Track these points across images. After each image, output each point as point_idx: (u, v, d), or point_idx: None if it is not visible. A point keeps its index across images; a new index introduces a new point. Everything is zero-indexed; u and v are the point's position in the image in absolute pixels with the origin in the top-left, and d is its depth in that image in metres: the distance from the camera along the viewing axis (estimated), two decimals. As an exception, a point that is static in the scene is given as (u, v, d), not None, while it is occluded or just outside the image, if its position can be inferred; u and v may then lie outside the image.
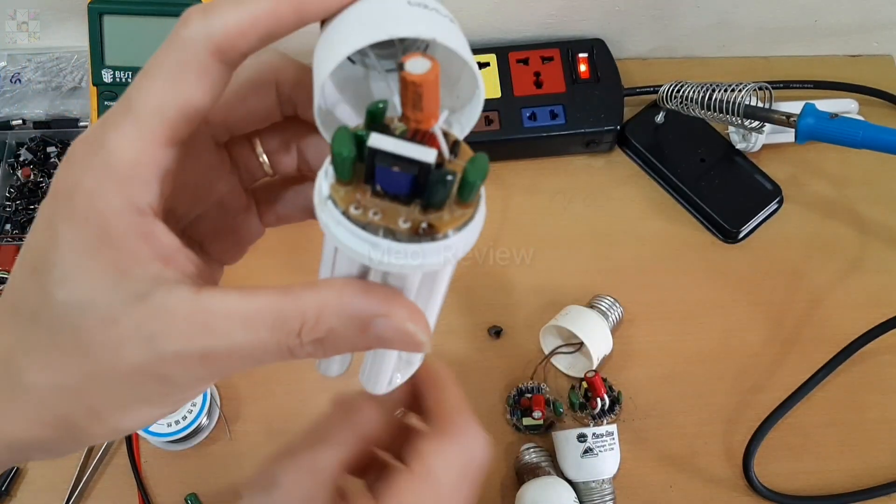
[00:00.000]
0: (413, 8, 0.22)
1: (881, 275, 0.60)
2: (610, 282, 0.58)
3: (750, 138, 0.62)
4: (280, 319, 0.21)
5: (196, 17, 0.21)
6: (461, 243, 0.22)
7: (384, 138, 0.21)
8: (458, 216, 0.21)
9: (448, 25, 0.22)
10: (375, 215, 0.21)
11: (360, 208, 0.21)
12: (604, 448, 0.50)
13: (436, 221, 0.21)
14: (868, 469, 0.54)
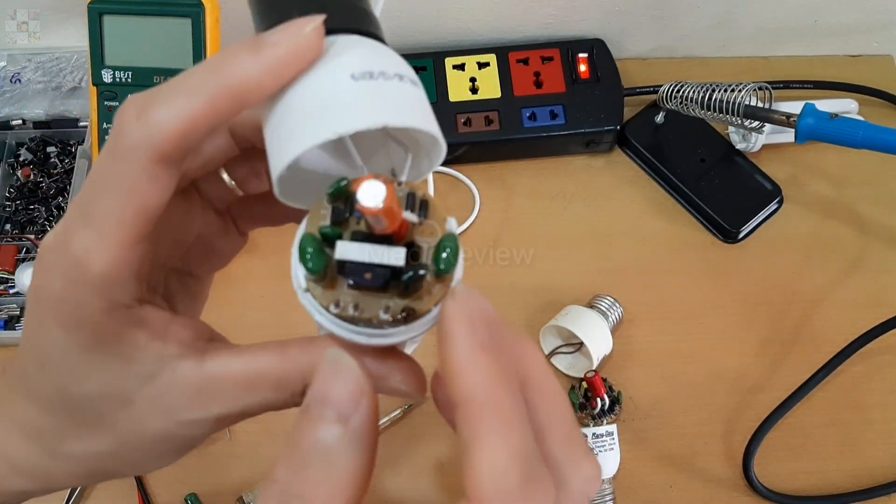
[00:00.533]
0: (358, 84, 0.21)
1: (881, 275, 0.60)
2: (610, 282, 0.58)
3: (750, 138, 0.62)
4: (283, 381, 0.22)
5: (131, 123, 0.21)
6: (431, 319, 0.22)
7: (349, 247, 0.21)
8: (437, 293, 0.21)
9: (397, 92, 0.22)
10: (355, 310, 0.21)
11: (340, 306, 0.21)
12: (604, 448, 0.50)
13: (416, 306, 0.21)
14: (868, 469, 0.54)
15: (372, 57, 0.22)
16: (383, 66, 0.22)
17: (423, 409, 0.54)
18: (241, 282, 0.57)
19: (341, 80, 0.21)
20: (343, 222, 0.21)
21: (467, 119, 0.61)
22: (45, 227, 0.59)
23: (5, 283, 0.56)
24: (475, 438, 0.19)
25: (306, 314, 0.22)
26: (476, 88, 0.62)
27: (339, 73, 0.21)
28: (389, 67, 0.22)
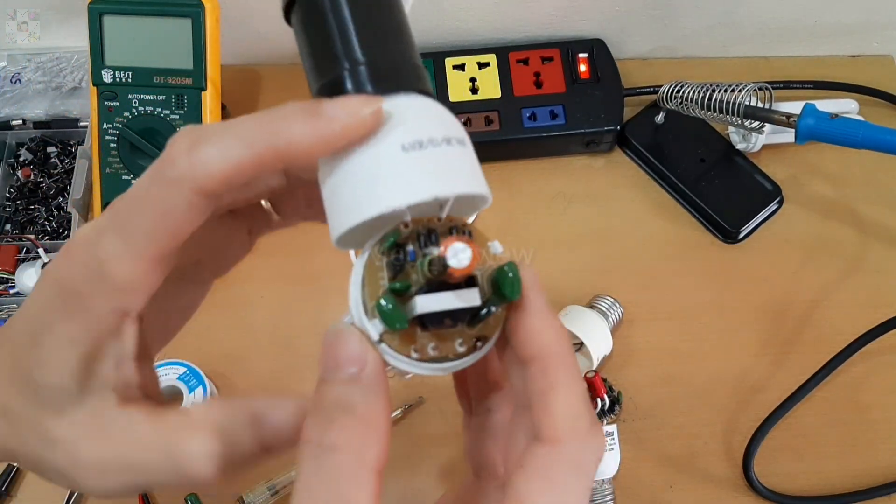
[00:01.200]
0: (409, 157, 0.22)
1: (881, 275, 0.60)
2: (610, 282, 0.58)
3: (750, 138, 0.62)
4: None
5: (181, 158, 0.22)
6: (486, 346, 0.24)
7: (428, 300, 0.22)
8: (501, 314, 0.23)
9: (445, 160, 0.23)
10: (434, 350, 0.23)
11: (419, 352, 0.23)
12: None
13: (487, 332, 0.23)
14: (868, 469, 0.54)
15: (422, 124, 0.23)
16: (431, 133, 0.23)
17: (424, 409, 0.54)
18: (242, 282, 0.57)
19: (393, 153, 0.22)
20: (402, 270, 0.23)
21: (467, 119, 0.61)
22: (45, 227, 0.59)
23: (5, 284, 0.56)
24: (553, 386, 0.22)
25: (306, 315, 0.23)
26: (476, 88, 0.62)
27: (392, 146, 0.22)
28: (437, 132, 0.23)
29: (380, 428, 0.22)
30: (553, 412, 0.22)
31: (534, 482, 0.22)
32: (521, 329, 0.23)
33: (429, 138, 0.22)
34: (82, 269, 0.23)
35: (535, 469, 0.22)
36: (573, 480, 0.22)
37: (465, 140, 0.24)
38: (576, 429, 0.22)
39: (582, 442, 0.22)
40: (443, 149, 0.23)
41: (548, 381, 0.23)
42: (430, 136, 0.22)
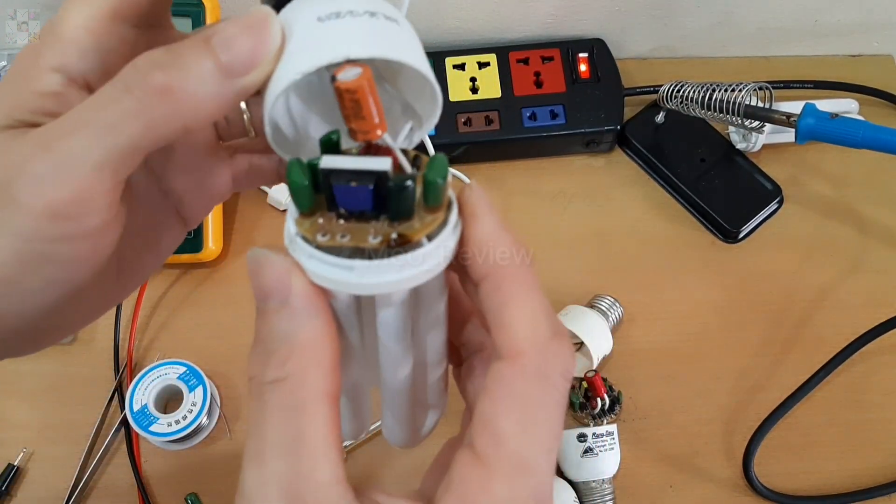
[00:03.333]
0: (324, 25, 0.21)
1: (881, 275, 0.60)
2: (610, 282, 0.58)
3: (750, 138, 0.62)
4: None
5: None
6: (440, 251, 0.21)
7: (336, 158, 0.21)
8: (430, 221, 0.21)
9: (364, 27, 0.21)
10: (343, 237, 0.20)
11: (328, 234, 0.21)
12: (604, 448, 0.50)
13: (406, 230, 0.21)
14: (868, 469, 0.54)
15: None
16: (352, 6, 0.21)
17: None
18: (242, 281, 0.57)
19: (308, 25, 0.21)
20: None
21: (467, 119, 0.61)
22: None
23: None
24: (507, 300, 0.21)
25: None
26: (476, 88, 0.62)
27: (307, 19, 0.21)
28: (359, 6, 0.21)
29: (321, 352, 0.21)
30: (508, 325, 0.21)
31: (497, 401, 0.21)
32: (470, 248, 0.22)
33: (348, 10, 0.21)
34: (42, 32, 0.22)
35: (496, 387, 0.21)
36: (538, 393, 0.21)
37: (395, 18, 0.22)
38: (534, 338, 0.21)
39: (543, 351, 0.21)
40: (364, 19, 0.21)
41: (501, 297, 0.21)
42: (350, 8, 0.21)
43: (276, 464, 0.20)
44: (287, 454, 0.20)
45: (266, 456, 0.20)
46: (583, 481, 0.50)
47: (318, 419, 0.20)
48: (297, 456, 0.20)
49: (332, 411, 0.21)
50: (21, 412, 0.53)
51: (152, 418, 0.50)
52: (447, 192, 0.21)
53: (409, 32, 0.22)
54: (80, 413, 0.53)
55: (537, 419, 0.21)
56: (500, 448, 0.20)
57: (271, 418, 0.20)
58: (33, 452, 0.52)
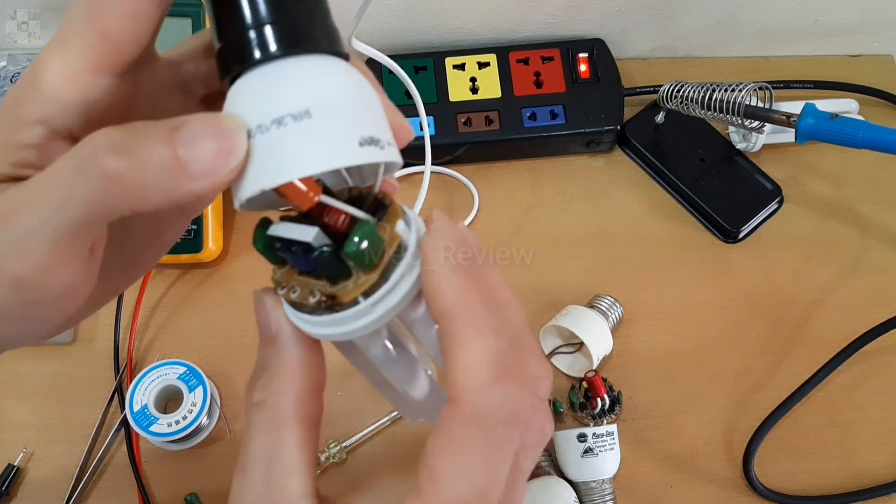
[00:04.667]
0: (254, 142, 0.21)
1: (881, 275, 0.60)
2: (610, 282, 0.58)
3: (750, 138, 0.62)
4: None
5: None
6: (379, 307, 0.22)
7: (280, 226, 0.23)
8: (362, 283, 0.22)
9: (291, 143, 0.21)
10: (293, 293, 0.23)
11: (284, 288, 0.23)
12: (604, 448, 0.50)
13: (338, 292, 0.22)
14: (868, 469, 0.54)
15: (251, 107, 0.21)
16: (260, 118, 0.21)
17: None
18: (242, 281, 0.57)
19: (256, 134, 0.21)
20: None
21: (468, 119, 0.61)
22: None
23: None
24: (452, 345, 0.21)
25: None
26: (476, 88, 0.62)
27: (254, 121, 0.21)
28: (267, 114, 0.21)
29: (296, 380, 0.23)
30: (452, 370, 0.21)
31: (437, 441, 0.21)
32: (426, 294, 0.22)
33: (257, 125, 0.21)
34: (22, 82, 0.22)
35: (439, 429, 0.21)
36: (475, 437, 0.21)
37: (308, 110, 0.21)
38: (472, 386, 0.21)
39: (481, 398, 0.21)
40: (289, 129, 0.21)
41: (448, 341, 0.22)
42: (277, 115, 0.21)
43: (254, 475, 0.23)
44: (264, 468, 0.23)
45: (247, 468, 0.23)
46: (583, 481, 0.50)
47: (291, 439, 0.23)
48: (272, 470, 0.23)
49: (306, 432, 0.23)
50: (21, 412, 0.53)
51: (152, 418, 0.50)
52: (380, 253, 0.22)
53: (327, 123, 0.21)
54: (80, 413, 0.53)
55: (471, 464, 0.21)
56: (435, 488, 0.21)
57: (253, 435, 0.23)
58: (33, 452, 0.52)
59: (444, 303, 0.22)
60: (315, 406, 0.24)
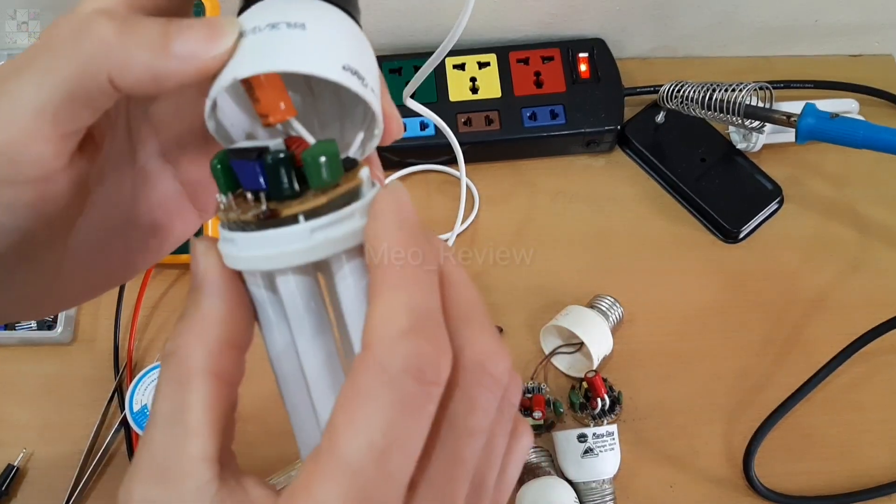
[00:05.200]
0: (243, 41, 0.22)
1: (882, 275, 0.60)
2: (610, 282, 0.58)
3: (750, 138, 0.62)
4: None
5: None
6: (318, 235, 0.21)
7: (244, 142, 0.22)
8: (308, 202, 0.21)
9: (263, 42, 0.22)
10: (233, 213, 0.21)
11: (227, 208, 0.22)
12: (604, 448, 0.50)
13: (280, 206, 0.21)
14: (868, 469, 0.54)
15: (253, 14, 0.22)
16: (256, 21, 0.22)
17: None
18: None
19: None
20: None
21: (468, 119, 0.61)
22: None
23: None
24: (374, 296, 0.20)
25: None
26: (476, 88, 0.62)
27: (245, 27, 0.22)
28: (265, 19, 0.22)
29: (207, 331, 0.22)
30: (368, 317, 0.20)
31: (342, 394, 0.20)
32: (366, 239, 0.21)
33: (252, 27, 0.22)
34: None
35: (346, 381, 0.20)
36: (377, 387, 0.19)
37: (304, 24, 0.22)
38: (383, 332, 0.20)
39: (390, 345, 0.19)
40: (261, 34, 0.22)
41: (373, 291, 0.20)
42: (254, 24, 0.22)
43: (154, 432, 0.21)
44: (166, 424, 0.21)
45: (149, 423, 0.21)
46: (583, 482, 0.50)
47: (197, 395, 0.21)
48: (174, 427, 0.21)
49: (216, 390, 0.21)
50: (21, 413, 0.53)
51: (152, 418, 0.50)
52: (340, 175, 0.21)
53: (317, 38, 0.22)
54: (79, 413, 0.53)
55: (370, 416, 0.19)
56: (332, 444, 0.19)
57: (162, 389, 0.21)
58: (33, 453, 0.52)
59: (382, 249, 0.21)
60: (231, 363, 0.22)
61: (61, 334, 0.54)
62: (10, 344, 0.55)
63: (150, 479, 0.21)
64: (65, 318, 0.54)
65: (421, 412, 0.20)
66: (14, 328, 0.54)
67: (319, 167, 0.21)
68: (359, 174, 0.22)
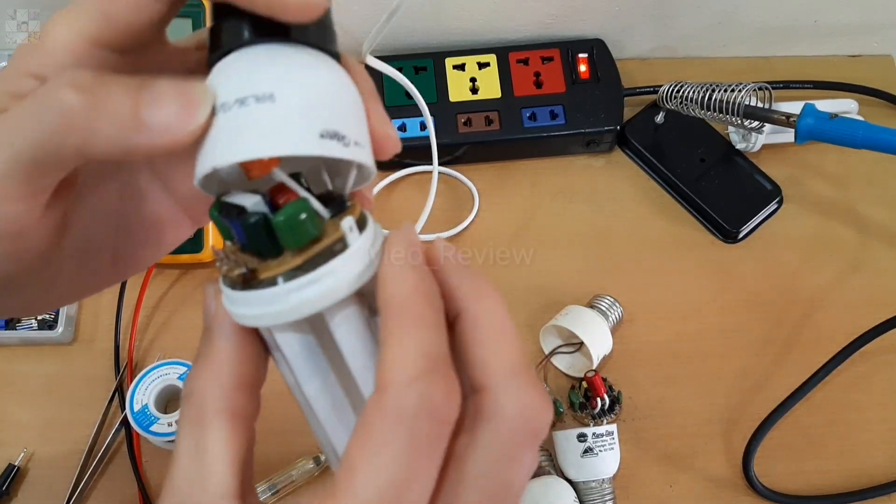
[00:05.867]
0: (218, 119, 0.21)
1: (881, 275, 0.60)
2: (610, 282, 0.58)
3: (750, 138, 0.62)
4: None
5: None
6: (298, 294, 0.21)
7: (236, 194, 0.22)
8: (286, 264, 0.21)
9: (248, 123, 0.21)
10: (223, 265, 0.22)
11: (221, 263, 0.22)
12: (604, 448, 0.50)
13: (260, 267, 0.21)
14: (867, 469, 0.54)
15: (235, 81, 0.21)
16: (224, 96, 0.21)
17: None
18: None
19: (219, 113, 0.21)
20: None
21: (467, 119, 0.61)
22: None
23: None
24: (385, 338, 0.21)
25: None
26: (476, 88, 0.62)
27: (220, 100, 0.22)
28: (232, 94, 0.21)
29: (222, 371, 0.22)
30: (381, 360, 0.21)
31: (356, 433, 0.21)
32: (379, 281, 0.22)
33: (221, 103, 0.21)
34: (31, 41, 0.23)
35: (360, 421, 0.21)
36: (388, 430, 0.20)
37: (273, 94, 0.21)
38: (398, 374, 0.20)
39: (404, 387, 0.20)
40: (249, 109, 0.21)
41: (385, 333, 0.21)
42: (224, 98, 0.21)
43: (177, 471, 0.22)
44: (188, 462, 0.22)
45: (173, 462, 0.22)
46: (583, 481, 0.50)
47: (215, 434, 0.22)
48: (195, 465, 0.22)
49: (232, 427, 0.22)
50: (22, 412, 0.53)
51: (153, 418, 0.50)
52: (316, 234, 0.21)
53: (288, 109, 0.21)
54: (80, 413, 0.53)
55: (387, 455, 0.20)
56: (350, 482, 0.20)
57: (182, 430, 0.22)
58: (34, 453, 0.52)
59: (389, 294, 0.21)
60: (246, 401, 0.23)
61: (62, 334, 0.54)
62: (11, 344, 0.55)
63: None
64: (65, 317, 0.54)
65: (435, 451, 0.21)
66: (15, 328, 0.54)
67: (291, 230, 0.21)
68: (340, 225, 0.22)
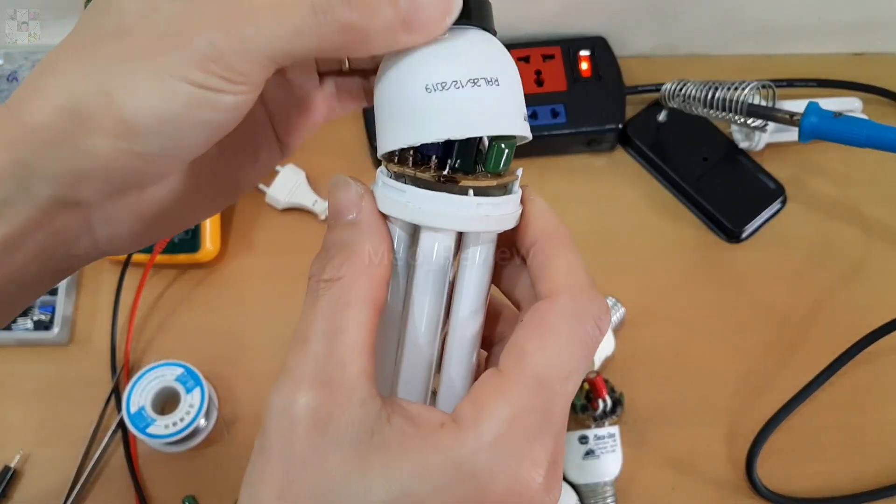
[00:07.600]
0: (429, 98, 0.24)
1: (885, 275, 0.60)
2: (611, 282, 0.58)
3: (753, 137, 0.62)
4: None
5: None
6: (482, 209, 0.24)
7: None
8: (482, 178, 0.24)
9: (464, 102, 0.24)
10: (407, 167, 0.25)
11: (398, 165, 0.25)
12: (605, 450, 0.50)
13: (456, 175, 0.24)
14: (872, 471, 0.53)
15: (450, 63, 0.24)
16: (458, 74, 0.24)
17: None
18: (239, 282, 0.57)
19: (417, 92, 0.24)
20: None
21: (468, 118, 0.60)
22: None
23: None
24: (552, 257, 0.25)
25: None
26: (476, 87, 0.61)
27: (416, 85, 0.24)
28: (465, 73, 0.24)
29: (372, 264, 0.24)
30: (550, 275, 0.24)
31: (528, 328, 0.23)
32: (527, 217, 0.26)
33: (453, 80, 0.24)
34: None
35: (531, 318, 0.24)
36: (567, 327, 0.23)
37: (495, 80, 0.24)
38: (571, 284, 0.24)
39: (578, 294, 0.24)
40: (466, 91, 0.24)
41: (545, 256, 0.25)
42: (456, 77, 0.24)
43: (316, 346, 0.23)
44: (327, 341, 0.23)
45: (310, 339, 0.23)
46: (584, 483, 0.50)
47: (358, 319, 0.23)
48: (335, 344, 0.23)
49: (373, 317, 0.24)
50: (17, 414, 0.53)
51: (149, 420, 0.50)
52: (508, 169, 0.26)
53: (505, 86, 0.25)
54: (76, 415, 0.52)
55: (560, 347, 0.23)
56: (521, 364, 0.23)
57: (321, 310, 0.23)
58: (30, 455, 0.52)
59: (547, 224, 0.26)
60: (383, 297, 0.25)
61: (58, 335, 0.54)
62: (7, 345, 0.55)
63: (314, 388, 0.22)
64: (61, 318, 0.54)
65: (593, 348, 0.24)
66: (10, 328, 0.54)
67: (500, 156, 0.25)
68: (516, 171, 0.26)
